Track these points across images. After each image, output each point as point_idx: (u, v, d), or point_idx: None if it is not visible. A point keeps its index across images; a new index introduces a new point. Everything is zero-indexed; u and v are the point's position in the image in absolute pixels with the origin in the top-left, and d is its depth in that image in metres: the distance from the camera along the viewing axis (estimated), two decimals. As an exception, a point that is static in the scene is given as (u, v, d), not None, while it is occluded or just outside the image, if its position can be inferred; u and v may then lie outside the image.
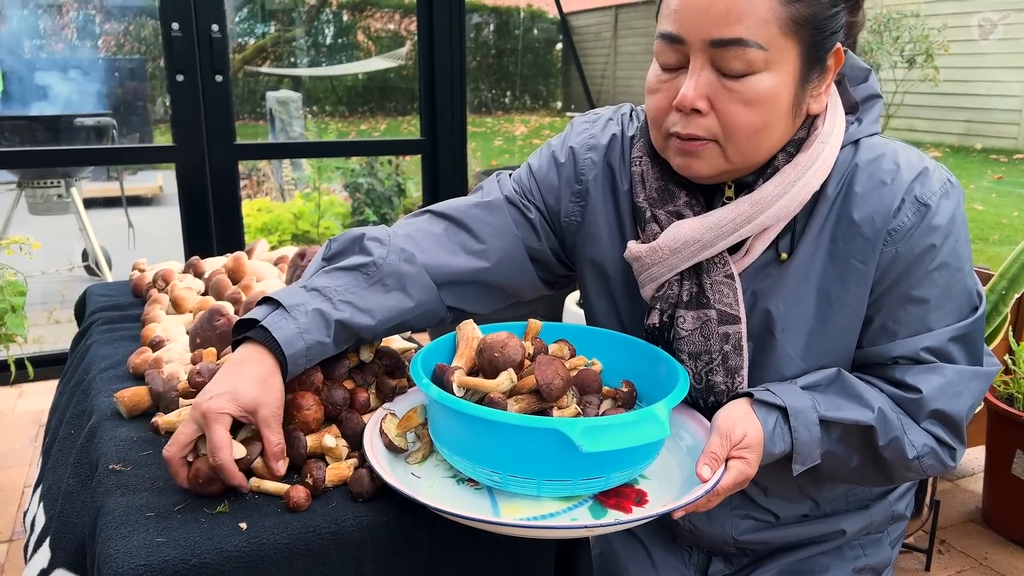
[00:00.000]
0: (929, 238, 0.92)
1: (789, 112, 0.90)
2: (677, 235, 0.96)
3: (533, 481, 0.83)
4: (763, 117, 0.88)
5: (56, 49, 6.99)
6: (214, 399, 0.87)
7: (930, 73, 7.65)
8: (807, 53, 0.89)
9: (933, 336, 0.94)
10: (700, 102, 0.88)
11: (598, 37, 10.11)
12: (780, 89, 0.88)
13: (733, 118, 0.88)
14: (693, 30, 0.87)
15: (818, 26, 0.88)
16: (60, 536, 0.97)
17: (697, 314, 0.98)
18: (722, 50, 0.86)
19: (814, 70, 0.91)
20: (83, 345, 1.44)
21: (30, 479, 2.33)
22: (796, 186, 0.92)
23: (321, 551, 0.83)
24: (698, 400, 1.01)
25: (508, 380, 0.88)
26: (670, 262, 0.97)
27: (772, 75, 0.87)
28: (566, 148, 1.10)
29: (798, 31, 0.87)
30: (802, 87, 0.90)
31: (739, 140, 0.90)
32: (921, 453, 0.95)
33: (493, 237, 1.08)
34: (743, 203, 0.93)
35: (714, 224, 0.94)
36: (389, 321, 1.01)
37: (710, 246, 0.95)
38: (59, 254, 4.64)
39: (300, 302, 0.95)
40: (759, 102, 0.88)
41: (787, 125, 0.91)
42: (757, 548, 1.12)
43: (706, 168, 0.93)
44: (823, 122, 0.94)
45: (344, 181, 5.70)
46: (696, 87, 0.88)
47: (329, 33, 8.87)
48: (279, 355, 0.92)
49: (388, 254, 1.02)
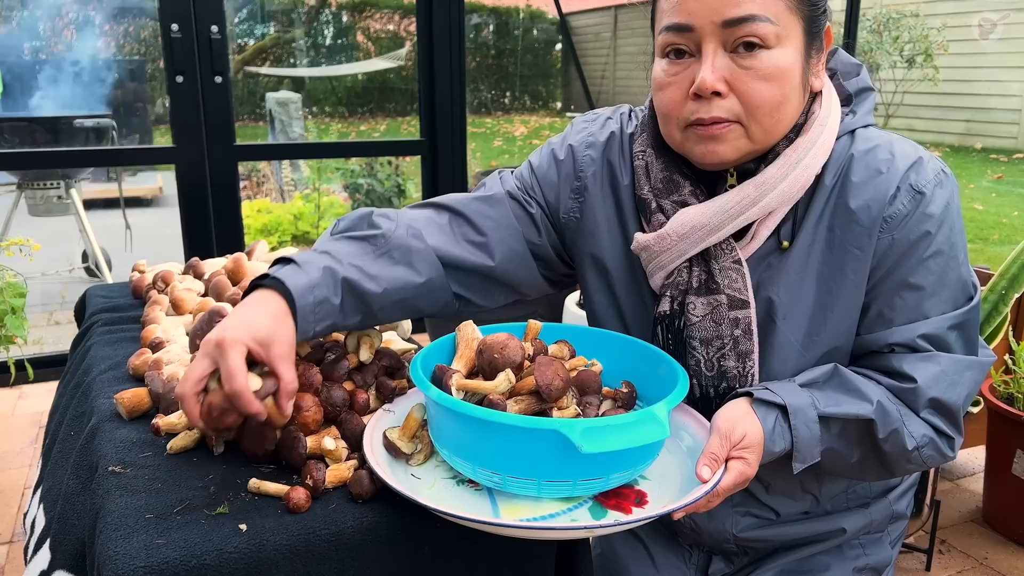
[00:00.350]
0: (924, 225, 0.93)
1: (800, 87, 0.93)
2: (684, 220, 0.97)
3: (533, 482, 0.83)
4: (781, 91, 0.91)
5: (56, 50, 6.99)
6: (229, 330, 0.87)
7: (930, 73, 7.66)
8: (808, 28, 0.92)
9: (930, 324, 0.95)
10: (720, 84, 0.90)
11: (598, 37, 10.12)
12: (792, 63, 0.91)
13: (753, 94, 0.90)
14: (703, 14, 0.89)
15: (814, 2, 0.92)
16: (60, 538, 0.97)
17: (707, 300, 0.99)
18: (734, 29, 0.88)
19: (814, 45, 0.94)
20: (83, 346, 1.44)
21: (30, 480, 2.33)
22: (798, 167, 0.94)
23: (321, 552, 0.83)
24: (709, 388, 1.01)
25: (506, 381, 0.88)
26: (679, 248, 0.99)
27: (784, 50, 0.90)
28: (565, 146, 1.12)
29: (800, 6, 0.91)
30: (807, 62, 0.94)
31: (761, 117, 0.91)
32: (920, 444, 0.95)
33: (494, 231, 1.09)
34: (748, 186, 0.95)
35: (720, 208, 0.96)
36: (395, 293, 1.01)
37: (717, 230, 0.97)
38: (59, 255, 4.64)
39: (310, 260, 0.97)
40: (776, 76, 0.90)
41: (799, 100, 0.94)
42: (758, 546, 1.12)
43: (730, 151, 0.94)
44: (820, 107, 0.97)
45: (344, 182, 5.71)
46: (714, 70, 0.90)
47: (329, 34, 8.88)
48: (290, 304, 0.92)
49: (396, 228, 1.04)
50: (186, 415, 0.88)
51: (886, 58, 7.62)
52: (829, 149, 0.96)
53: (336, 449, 0.93)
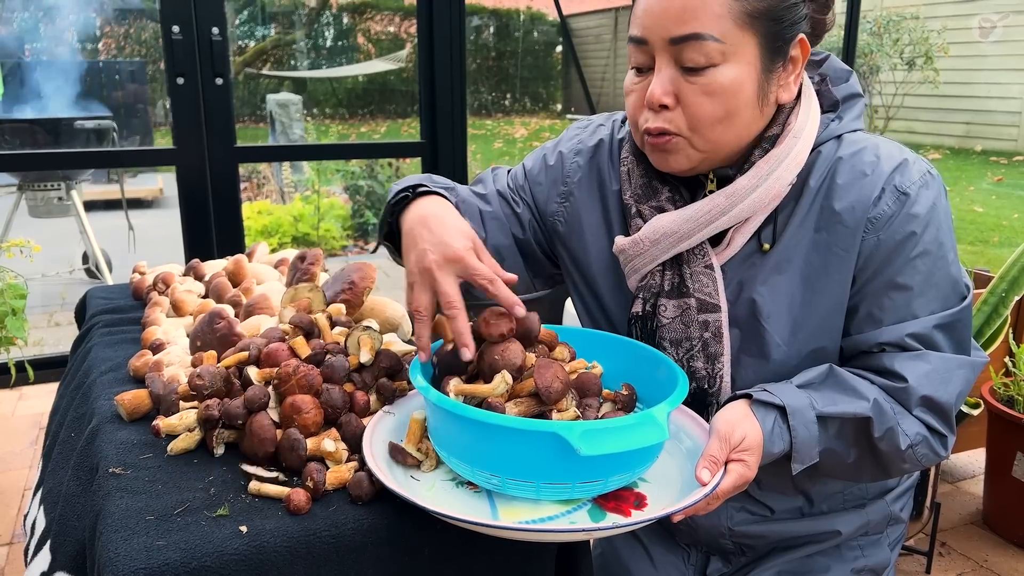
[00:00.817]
0: (909, 226, 0.94)
1: (754, 101, 0.94)
2: (656, 227, 1.01)
3: (532, 484, 0.83)
4: (724, 107, 0.93)
5: (57, 52, 7.00)
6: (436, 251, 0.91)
7: (930, 75, 7.67)
8: (766, 44, 0.93)
9: (918, 323, 0.96)
10: (667, 98, 0.93)
11: (598, 39, 10.13)
12: (742, 80, 0.92)
13: (696, 109, 0.93)
14: (655, 31, 0.92)
15: (775, 17, 0.92)
16: (60, 539, 0.97)
17: (678, 303, 1.02)
18: (681, 46, 0.91)
19: (776, 60, 0.95)
20: (84, 348, 1.44)
21: (30, 482, 2.33)
22: (769, 179, 0.96)
23: (321, 554, 0.83)
24: None
25: (503, 383, 0.88)
26: (651, 253, 1.02)
27: (732, 66, 0.92)
28: (556, 152, 1.18)
29: (754, 23, 0.91)
30: (766, 77, 0.94)
31: (704, 130, 0.94)
32: (914, 442, 0.96)
33: (489, 221, 1.15)
34: (719, 196, 0.98)
35: (691, 216, 0.99)
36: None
37: (687, 237, 1.00)
38: (60, 256, 4.65)
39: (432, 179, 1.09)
40: (720, 92, 0.92)
41: (754, 114, 0.95)
42: (754, 543, 1.12)
43: (682, 161, 0.98)
44: (795, 118, 0.98)
45: (344, 183, 5.71)
46: (662, 84, 0.93)
47: (329, 36, 8.89)
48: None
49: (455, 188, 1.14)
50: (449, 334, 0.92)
51: (886, 60, 7.63)
52: (803, 161, 0.98)
53: (336, 451, 0.93)
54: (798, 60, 0.96)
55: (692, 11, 0.89)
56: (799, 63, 0.97)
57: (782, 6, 0.92)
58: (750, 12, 0.90)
